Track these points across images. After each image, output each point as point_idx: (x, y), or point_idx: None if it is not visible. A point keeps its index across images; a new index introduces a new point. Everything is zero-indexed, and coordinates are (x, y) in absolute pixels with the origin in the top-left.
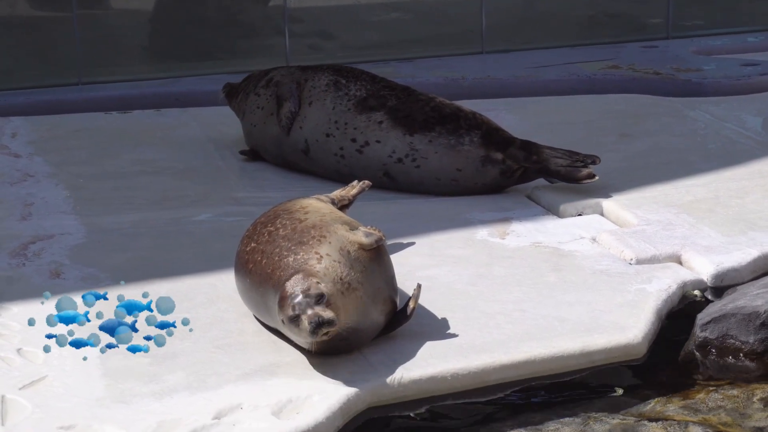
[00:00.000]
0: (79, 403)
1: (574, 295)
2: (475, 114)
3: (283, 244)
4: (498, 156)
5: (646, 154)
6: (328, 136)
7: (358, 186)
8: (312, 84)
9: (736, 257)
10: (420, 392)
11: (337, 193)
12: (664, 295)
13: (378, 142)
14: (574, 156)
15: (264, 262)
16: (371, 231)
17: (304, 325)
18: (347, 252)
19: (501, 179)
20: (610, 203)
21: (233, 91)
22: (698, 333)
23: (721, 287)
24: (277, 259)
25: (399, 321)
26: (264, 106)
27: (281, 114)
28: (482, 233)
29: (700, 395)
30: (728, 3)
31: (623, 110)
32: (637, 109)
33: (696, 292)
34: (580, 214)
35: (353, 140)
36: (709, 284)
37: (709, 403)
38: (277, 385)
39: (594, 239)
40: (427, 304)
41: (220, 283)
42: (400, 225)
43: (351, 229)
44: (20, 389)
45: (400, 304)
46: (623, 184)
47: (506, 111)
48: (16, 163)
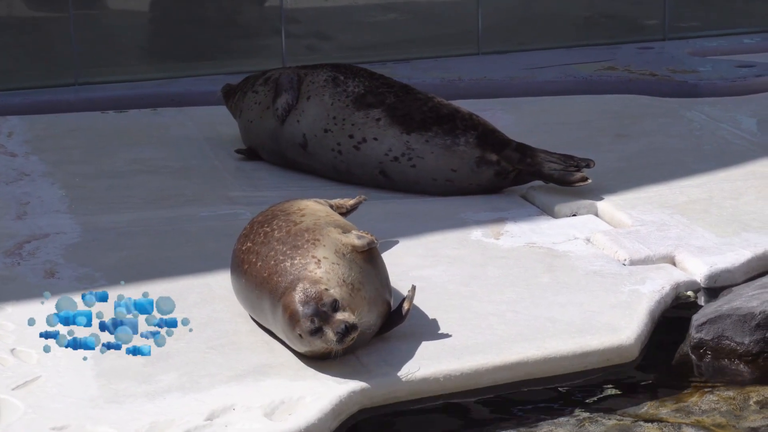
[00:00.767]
0: (72, 403)
1: (568, 296)
2: (471, 115)
3: (277, 248)
4: (493, 157)
5: (642, 154)
6: (326, 131)
7: (356, 198)
8: (311, 79)
9: (729, 258)
10: (412, 393)
11: (335, 201)
12: (657, 296)
13: (375, 139)
14: (568, 161)
15: (259, 264)
16: (363, 234)
17: (329, 336)
18: (342, 254)
19: (496, 180)
20: (605, 204)
21: (231, 92)
22: (693, 334)
23: (715, 288)
24: (273, 263)
25: (394, 322)
26: (261, 101)
27: (278, 102)
28: (477, 233)
29: (695, 397)
30: (724, 5)
31: (619, 111)
32: (633, 109)
33: (689, 293)
34: (574, 215)
35: (351, 136)
36: (702, 285)
37: (704, 405)
38: (269, 386)
39: (588, 240)
40: (420, 305)
41: (215, 282)
42: (394, 225)
43: (344, 232)
44: (13, 389)
45: (394, 305)
46: (618, 184)
47: (503, 111)
48: (12, 162)
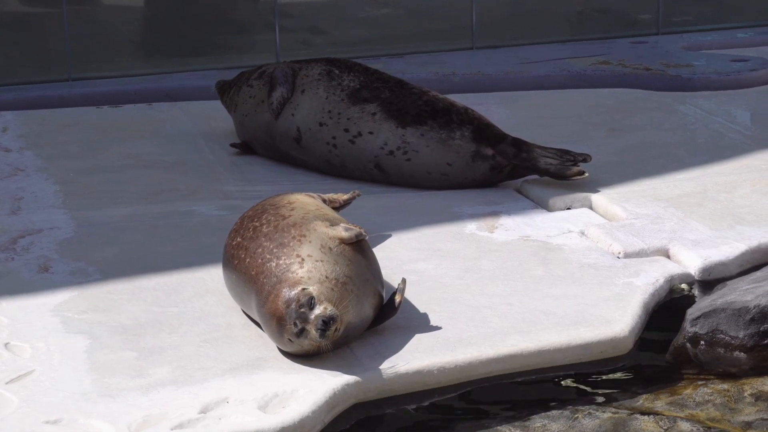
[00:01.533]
0: (66, 397)
1: (562, 288)
2: (467, 109)
3: (264, 244)
4: (488, 152)
5: (636, 148)
6: (321, 125)
7: (349, 193)
8: (305, 73)
9: (723, 251)
10: (407, 386)
11: (329, 195)
12: (651, 289)
13: (371, 133)
14: (565, 156)
15: (248, 261)
16: (351, 226)
17: (313, 334)
18: (329, 249)
19: (491, 175)
20: (599, 197)
21: (225, 87)
22: (688, 328)
23: (709, 281)
24: (260, 261)
25: (386, 314)
26: (256, 95)
27: (273, 96)
28: (471, 227)
29: (689, 390)
30: None
31: (613, 105)
32: (626, 103)
33: (683, 286)
34: (569, 208)
35: (346, 130)
36: (696, 278)
37: (698, 398)
38: (263, 380)
39: (582, 233)
40: (414, 298)
41: (209, 276)
42: (388, 218)
43: (331, 225)
44: (7, 383)
45: (386, 298)
46: (612, 177)
47: (497, 105)
48: (7, 157)
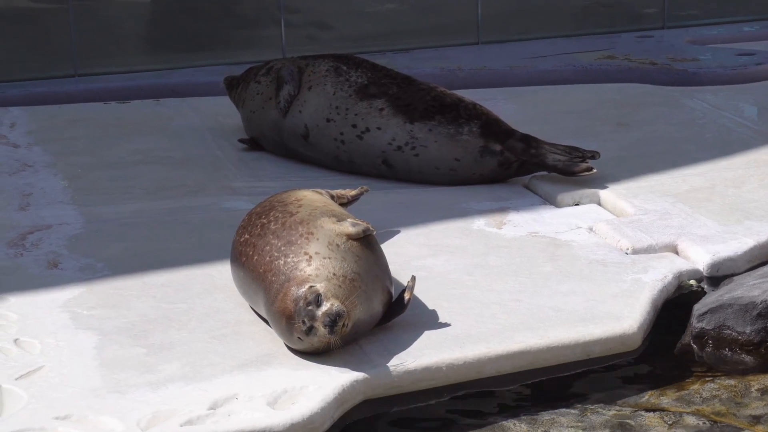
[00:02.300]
0: (75, 393)
1: (570, 285)
2: (475, 105)
3: (272, 242)
4: (497, 147)
5: (643, 143)
6: (328, 121)
7: (357, 189)
8: (312, 69)
9: (732, 247)
10: (415, 383)
11: (336, 191)
12: (659, 285)
13: (379, 128)
14: (574, 152)
15: (256, 258)
16: (358, 222)
17: (321, 330)
18: (336, 245)
19: (499, 170)
20: (607, 193)
21: (234, 83)
22: (695, 323)
23: (718, 277)
24: (268, 259)
25: (395, 311)
26: (263, 92)
27: (280, 95)
28: (479, 223)
29: (696, 386)
30: None
31: (620, 100)
32: (633, 98)
33: (692, 281)
34: (577, 204)
35: (354, 126)
36: (705, 274)
37: (705, 394)
38: (272, 376)
39: (591, 229)
40: (422, 294)
41: (217, 273)
42: (396, 215)
43: (339, 221)
44: (17, 379)
45: (395, 296)
46: (620, 173)
47: (504, 100)
48: (15, 153)
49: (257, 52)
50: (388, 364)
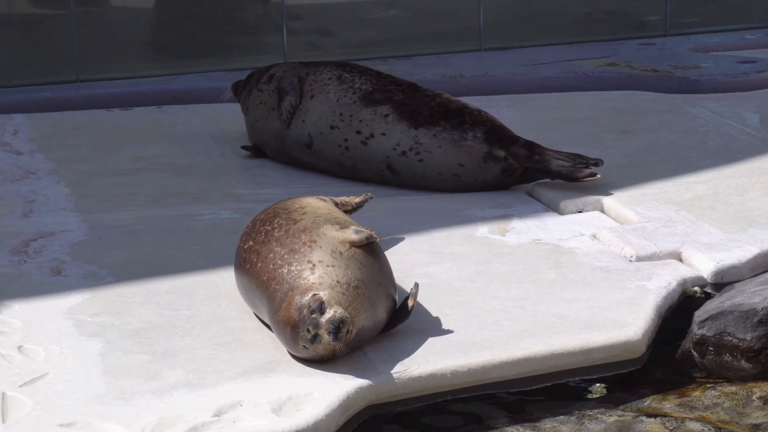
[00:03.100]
0: (79, 400)
1: (574, 292)
2: (480, 111)
3: (276, 249)
4: (500, 153)
5: (647, 150)
6: (332, 128)
7: (362, 196)
8: (314, 78)
9: (736, 254)
10: (420, 389)
11: (341, 198)
12: (663, 293)
13: (383, 134)
14: (577, 159)
15: (259, 265)
16: (362, 229)
17: (325, 338)
18: (339, 253)
19: (502, 177)
20: (611, 200)
21: (240, 88)
22: (695, 330)
23: (722, 284)
24: (271, 267)
25: (399, 318)
26: (266, 101)
27: (282, 107)
28: (482, 230)
29: (697, 393)
30: (725, 0)
31: (623, 107)
32: (637, 105)
33: (696, 289)
34: (580, 211)
35: (358, 132)
36: (709, 281)
37: (706, 401)
38: (277, 383)
39: (594, 236)
40: (426, 302)
41: (221, 279)
42: (400, 222)
43: (342, 229)
44: (21, 386)
45: (399, 303)
46: (623, 180)
47: (507, 107)
48: (18, 160)
49: (259, 59)
50: (393, 371)
